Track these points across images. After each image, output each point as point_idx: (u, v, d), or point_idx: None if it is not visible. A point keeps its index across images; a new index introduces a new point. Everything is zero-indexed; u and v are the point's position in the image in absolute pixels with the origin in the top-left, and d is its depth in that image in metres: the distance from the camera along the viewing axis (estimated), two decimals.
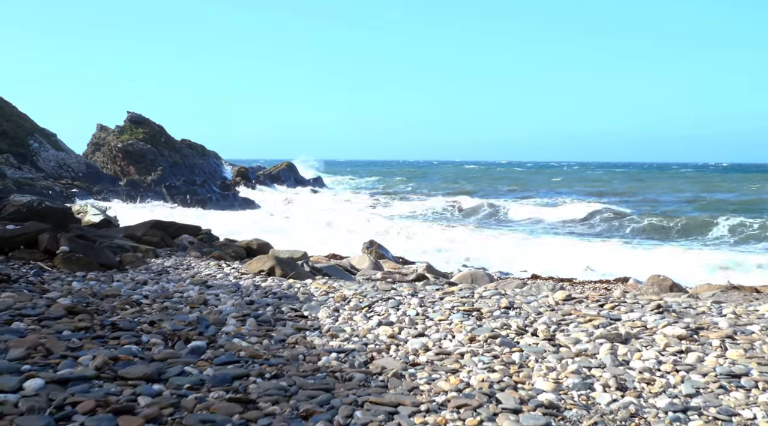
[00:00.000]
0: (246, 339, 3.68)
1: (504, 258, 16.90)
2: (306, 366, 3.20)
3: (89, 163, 46.63)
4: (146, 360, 3.03)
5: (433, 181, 61.91)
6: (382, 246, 16.17)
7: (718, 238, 21.50)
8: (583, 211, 27.42)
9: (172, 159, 49.06)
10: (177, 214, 31.40)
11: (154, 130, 50.43)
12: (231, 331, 3.84)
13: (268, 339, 3.74)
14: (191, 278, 6.28)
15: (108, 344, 3.30)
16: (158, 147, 49.08)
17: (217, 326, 3.95)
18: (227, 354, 3.26)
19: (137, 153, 48.40)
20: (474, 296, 5.72)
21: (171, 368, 2.92)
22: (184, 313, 4.32)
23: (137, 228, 10.25)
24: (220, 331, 3.85)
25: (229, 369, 3.00)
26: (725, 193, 41.29)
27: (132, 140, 48.82)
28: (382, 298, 5.43)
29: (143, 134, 49.73)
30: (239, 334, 3.80)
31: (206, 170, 51.11)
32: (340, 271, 8.73)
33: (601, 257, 17.47)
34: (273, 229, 20.29)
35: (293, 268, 7.24)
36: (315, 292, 5.72)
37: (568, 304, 5.54)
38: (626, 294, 6.12)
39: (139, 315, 4.07)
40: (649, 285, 10.79)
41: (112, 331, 3.54)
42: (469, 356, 3.72)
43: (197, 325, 3.89)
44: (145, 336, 3.50)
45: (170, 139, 50.68)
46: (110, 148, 49.05)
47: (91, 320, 3.71)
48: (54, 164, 44.81)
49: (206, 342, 3.47)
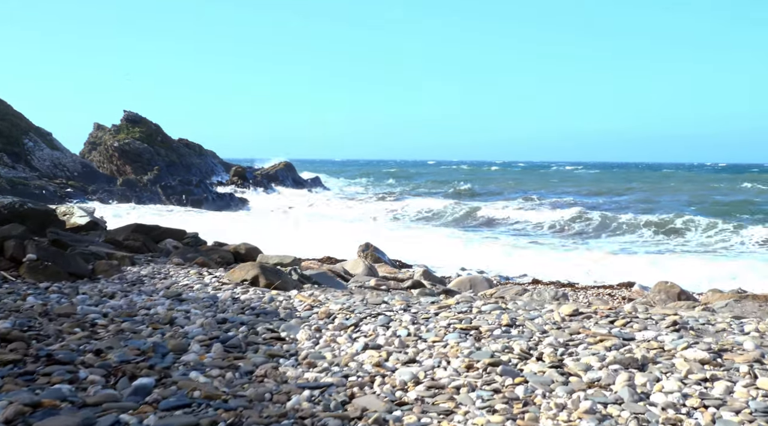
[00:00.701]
0: (207, 372, 3.18)
1: (499, 262, 16.41)
2: (271, 409, 2.69)
3: (85, 163, 46.16)
4: (76, 405, 2.53)
5: (420, 181, 61.64)
6: (378, 249, 15.66)
7: (704, 244, 20.99)
8: (568, 214, 26.79)
9: (169, 158, 48.57)
10: (173, 215, 30.92)
11: (151, 129, 49.94)
12: (191, 361, 3.34)
13: (234, 370, 3.23)
14: (165, 290, 5.77)
15: (36, 383, 2.80)
16: (155, 146, 48.59)
17: (176, 354, 3.45)
18: (178, 394, 2.75)
19: (133, 152, 47.91)
20: (472, 311, 5.21)
21: (103, 417, 2.41)
22: (143, 336, 3.81)
23: (118, 232, 9.74)
24: (178, 360, 3.35)
25: (176, 417, 2.49)
26: (720, 195, 40.84)
27: (128, 139, 48.33)
28: (371, 313, 4.93)
29: (140, 133, 49.24)
30: (200, 365, 3.29)
31: (203, 170, 50.64)
32: (330, 279, 8.22)
33: (596, 261, 16.96)
34: (266, 232, 19.78)
35: (278, 277, 6.74)
36: (299, 306, 5.22)
37: (576, 320, 5.04)
38: (637, 308, 5.62)
39: (87, 341, 3.56)
40: (656, 292, 10.30)
41: (46, 365, 3.03)
42: (465, 391, 3.21)
43: (153, 353, 3.39)
44: (84, 371, 2.99)
45: (167, 139, 50.19)
46: (106, 147, 48.57)
47: (25, 350, 3.21)
48: (49, 163, 44.35)
49: (157, 377, 2.96)
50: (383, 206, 34.11)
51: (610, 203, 36.12)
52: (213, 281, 6.57)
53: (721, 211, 28.68)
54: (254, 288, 6.18)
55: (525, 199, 37.66)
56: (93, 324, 4.01)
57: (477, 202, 33.86)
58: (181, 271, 7.12)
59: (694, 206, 32.80)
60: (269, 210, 33.50)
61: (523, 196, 39.92)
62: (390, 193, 45.92)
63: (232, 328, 4.22)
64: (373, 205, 35.09)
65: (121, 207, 34.60)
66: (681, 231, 22.46)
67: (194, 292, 5.74)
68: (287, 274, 7.70)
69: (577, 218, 25.60)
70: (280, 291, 6.21)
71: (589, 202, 35.29)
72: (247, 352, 3.64)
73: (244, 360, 3.44)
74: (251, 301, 5.34)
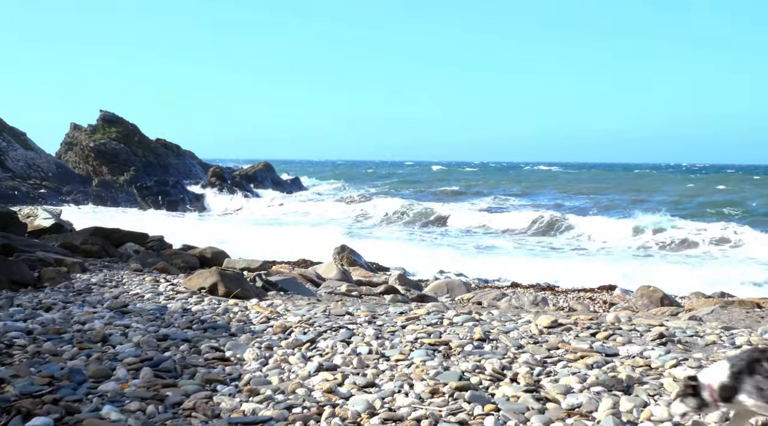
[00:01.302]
0: (124, 405, 2.73)
1: (476, 264, 16.02)
2: None
3: (60, 163, 45.29)
4: None
5: (393, 180, 61.44)
6: (354, 251, 15.22)
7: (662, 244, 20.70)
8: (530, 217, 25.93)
9: (146, 159, 47.77)
10: (148, 216, 30.29)
11: (128, 129, 49.09)
12: (109, 391, 2.89)
13: (158, 402, 2.79)
14: (112, 300, 5.31)
15: None
16: (132, 146, 47.78)
17: (96, 381, 3.01)
18: None
19: (110, 152, 47.05)
20: (443, 323, 4.80)
21: None
22: (63, 359, 3.36)
23: (76, 236, 9.23)
24: (94, 390, 2.90)
25: None
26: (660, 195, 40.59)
27: (104, 139, 47.47)
28: (332, 327, 4.51)
29: (116, 133, 48.40)
30: (119, 396, 2.85)
31: (181, 170, 49.89)
32: (298, 285, 7.77)
33: (568, 265, 16.50)
34: (240, 235, 19.28)
35: (239, 285, 6.28)
36: (254, 319, 4.78)
37: (555, 333, 4.64)
38: (620, 318, 5.23)
39: None
40: (638, 296, 9.93)
41: None
42: (427, 424, 2.79)
43: (67, 380, 2.94)
44: None
45: (144, 139, 49.34)
46: (82, 147, 47.68)
47: None
48: (23, 164, 43.46)
49: (58, 415, 2.51)
50: (351, 208, 33.17)
51: (587, 202, 36.20)
52: (168, 289, 6.11)
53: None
54: (211, 297, 5.73)
55: (494, 199, 38.21)
56: (9, 344, 3.54)
57: (432, 203, 33.10)
58: (135, 278, 6.65)
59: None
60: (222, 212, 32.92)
61: (494, 196, 40.33)
62: (363, 195, 45.20)
63: (173, 346, 3.78)
64: (340, 206, 34.10)
65: (98, 209, 33.89)
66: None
67: (143, 302, 5.28)
68: (251, 280, 7.26)
69: (538, 220, 24.93)
70: (239, 300, 5.77)
71: (548, 203, 35.45)
72: (182, 378, 3.20)
73: (174, 388, 3.00)
74: (203, 313, 4.90)
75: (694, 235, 20.48)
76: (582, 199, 39.23)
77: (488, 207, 33.21)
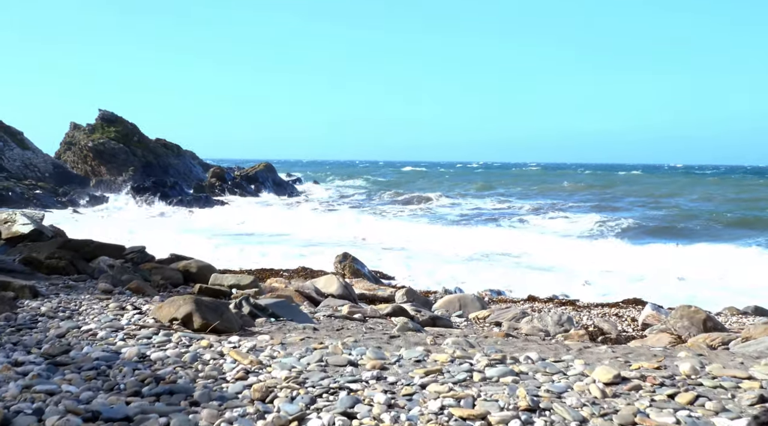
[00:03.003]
0: None
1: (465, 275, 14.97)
2: None
3: (57, 163, 44.39)
4: None
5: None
6: (356, 260, 14.13)
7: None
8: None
9: (146, 159, 46.83)
10: (141, 218, 29.25)
11: (127, 129, 48.17)
12: None
13: None
14: (55, 341, 4.22)
15: None
16: (131, 146, 46.85)
17: None
18: None
19: (108, 152, 46.17)
20: (473, 378, 3.70)
21: None
22: None
23: (42, 248, 8.14)
24: None
25: None
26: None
27: (103, 139, 46.60)
28: (330, 386, 3.41)
29: (115, 133, 47.51)
30: None
31: (181, 171, 48.90)
32: (292, 309, 6.66)
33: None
34: (236, 240, 18.21)
35: (219, 315, 5.18)
36: (229, 372, 3.68)
37: (621, 393, 3.53)
38: (696, 369, 4.11)
39: None
40: (678, 318, 8.76)
41: None
42: None
43: None
44: None
45: (144, 138, 48.41)
46: (81, 147, 46.78)
47: None
48: (19, 164, 42.57)
49: None
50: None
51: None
52: (132, 321, 5.03)
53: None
54: (181, 334, 4.64)
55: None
56: None
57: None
58: (96, 306, 5.56)
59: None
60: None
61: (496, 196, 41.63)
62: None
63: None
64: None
65: (87, 211, 32.87)
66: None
67: (93, 344, 4.19)
68: (236, 306, 6.17)
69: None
70: (218, 336, 4.68)
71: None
72: None
73: None
74: (164, 363, 3.80)
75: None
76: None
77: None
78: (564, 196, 42.93)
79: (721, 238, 20.06)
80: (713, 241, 19.05)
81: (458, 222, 27.36)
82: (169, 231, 19.71)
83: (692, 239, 19.72)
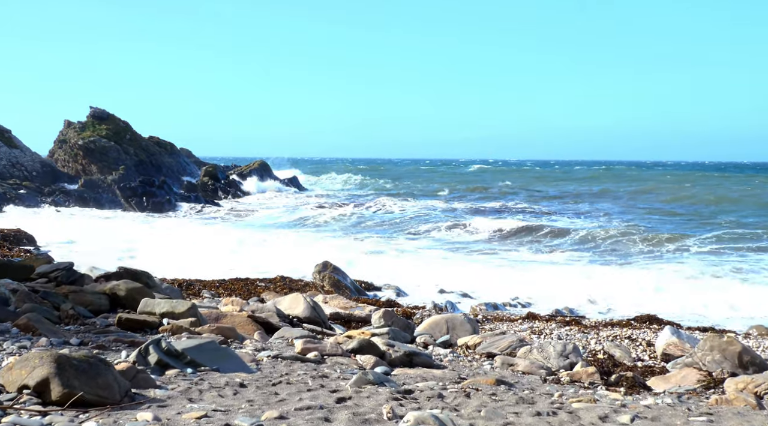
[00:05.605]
0: None
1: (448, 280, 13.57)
2: None
3: (45, 162, 43.00)
4: None
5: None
6: (338, 269, 12.66)
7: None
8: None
9: (138, 157, 45.40)
10: (127, 218, 27.88)
11: (119, 127, 46.74)
12: None
13: None
14: None
15: None
16: (123, 144, 45.41)
17: None
18: None
19: (99, 151, 44.75)
20: None
21: None
22: None
23: None
24: None
25: None
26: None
27: (94, 137, 45.16)
28: None
29: (107, 131, 46.07)
30: None
31: (175, 169, 47.46)
32: (220, 353, 5.17)
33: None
34: (209, 245, 16.75)
35: (91, 377, 3.71)
36: None
37: None
38: None
39: None
40: (707, 350, 7.22)
41: None
42: None
43: None
44: None
45: (136, 136, 46.99)
46: (71, 145, 45.39)
47: None
48: (5, 162, 41.18)
49: None
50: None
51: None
52: None
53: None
54: (12, 418, 3.18)
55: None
56: None
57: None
58: None
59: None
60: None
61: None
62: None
63: None
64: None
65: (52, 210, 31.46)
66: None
67: None
68: (142, 352, 4.72)
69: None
70: (83, 413, 3.23)
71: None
72: None
73: None
74: None
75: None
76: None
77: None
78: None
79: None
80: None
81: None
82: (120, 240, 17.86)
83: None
